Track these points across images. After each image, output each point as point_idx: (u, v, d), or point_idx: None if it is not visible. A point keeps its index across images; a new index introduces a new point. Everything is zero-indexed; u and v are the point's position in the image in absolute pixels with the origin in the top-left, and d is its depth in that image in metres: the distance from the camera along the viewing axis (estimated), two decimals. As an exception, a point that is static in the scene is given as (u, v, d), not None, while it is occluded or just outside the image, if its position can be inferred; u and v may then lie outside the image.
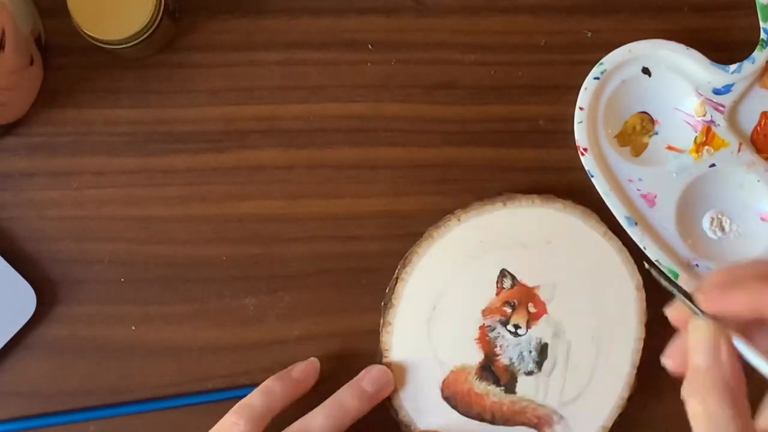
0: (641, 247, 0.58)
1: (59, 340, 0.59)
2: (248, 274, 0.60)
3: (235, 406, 0.54)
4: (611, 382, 0.58)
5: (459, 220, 0.58)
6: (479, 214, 0.58)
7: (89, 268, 0.60)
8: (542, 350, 0.58)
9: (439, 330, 0.58)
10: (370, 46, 0.61)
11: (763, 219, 0.59)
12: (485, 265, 0.58)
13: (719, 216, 0.60)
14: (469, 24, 0.61)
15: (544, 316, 0.58)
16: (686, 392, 0.42)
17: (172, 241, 0.60)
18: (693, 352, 0.42)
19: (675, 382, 0.58)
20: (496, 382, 0.58)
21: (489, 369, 0.58)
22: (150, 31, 0.57)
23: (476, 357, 0.58)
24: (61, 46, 0.60)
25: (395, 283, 0.58)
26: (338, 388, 0.57)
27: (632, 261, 0.58)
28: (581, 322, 0.58)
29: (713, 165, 0.59)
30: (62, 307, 0.59)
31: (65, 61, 0.60)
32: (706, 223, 0.60)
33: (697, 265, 0.59)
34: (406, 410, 0.57)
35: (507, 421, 0.57)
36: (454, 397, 0.58)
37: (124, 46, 0.57)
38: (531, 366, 0.58)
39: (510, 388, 0.58)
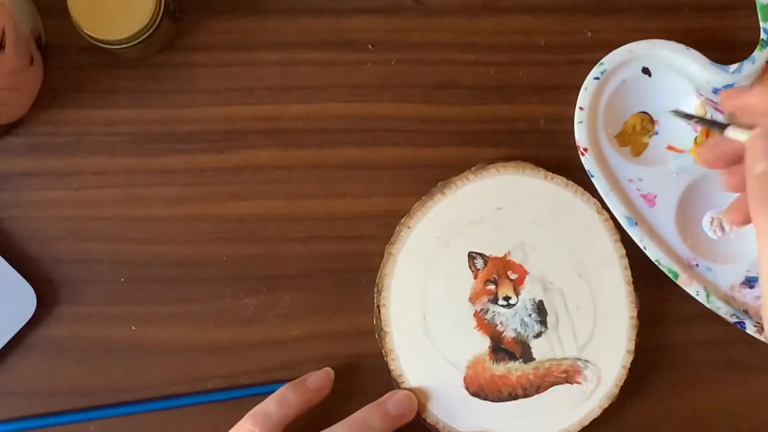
0: (641, 247, 0.58)
1: (59, 340, 0.59)
2: (248, 274, 0.60)
3: (251, 413, 0.55)
4: (616, 307, 0.58)
5: (410, 227, 0.58)
6: (425, 213, 0.58)
7: (89, 268, 0.60)
8: (540, 308, 0.58)
9: (439, 335, 0.58)
10: (370, 46, 0.61)
11: (763, 219, 0.59)
12: (452, 256, 0.58)
13: (719, 216, 0.60)
14: (469, 24, 0.61)
15: (527, 276, 0.58)
16: (753, 201, 0.44)
17: (172, 241, 0.60)
18: (752, 164, 0.45)
19: (666, 380, 0.58)
20: (512, 357, 0.58)
21: (500, 348, 0.58)
22: (150, 31, 0.57)
23: (483, 343, 0.58)
24: (61, 46, 0.60)
25: (379, 312, 0.58)
26: (338, 388, 0.57)
27: (582, 190, 0.58)
28: (562, 265, 0.58)
29: (713, 165, 0.59)
30: (62, 307, 0.59)
31: (65, 61, 0.60)
32: (706, 223, 0.60)
33: (697, 265, 0.59)
34: (443, 422, 0.57)
35: (539, 389, 0.58)
36: (482, 390, 0.58)
37: (124, 46, 0.57)
38: (536, 328, 0.58)
39: (527, 357, 0.58)
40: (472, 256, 0.58)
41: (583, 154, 0.59)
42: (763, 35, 0.59)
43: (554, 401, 0.57)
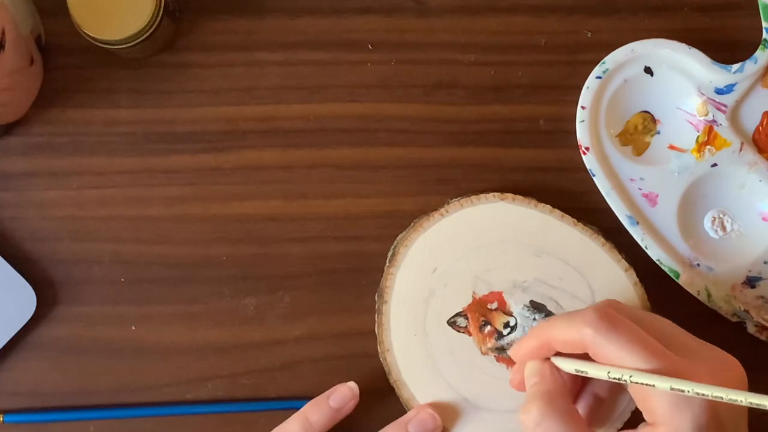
0: (643, 246, 0.58)
1: (59, 340, 0.59)
2: (248, 274, 0.60)
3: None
4: (614, 279, 0.58)
5: (389, 350, 0.57)
6: (383, 329, 0.58)
7: (89, 268, 0.60)
8: (536, 307, 0.58)
9: (488, 401, 0.57)
10: (370, 46, 0.61)
11: (764, 219, 0.59)
12: (438, 336, 0.58)
13: (721, 215, 0.60)
14: (469, 24, 0.61)
15: (503, 294, 0.58)
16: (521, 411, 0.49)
17: (172, 241, 0.60)
18: (527, 379, 0.50)
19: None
20: None
21: None
22: (150, 31, 0.57)
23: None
24: (61, 46, 0.60)
25: (385, 359, 0.58)
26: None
27: (470, 198, 0.58)
28: (516, 261, 0.58)
29: (715, 164, 0.59)
30: (62, 307, 0.59)
31: (65, 61, 0.60)
32: (707, 223, 0.60)
33: (698, 265, 0.58)
34: None
35: None
36: None
37: (124, 46, 0.57)
38: None
39: None
40: (451, 323, 0.58)
41: (584, 154, 0.59)
42: (765, 35, 0.59)
43: None
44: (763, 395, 0.42)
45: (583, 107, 0.59)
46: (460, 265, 0.58)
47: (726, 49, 0.60)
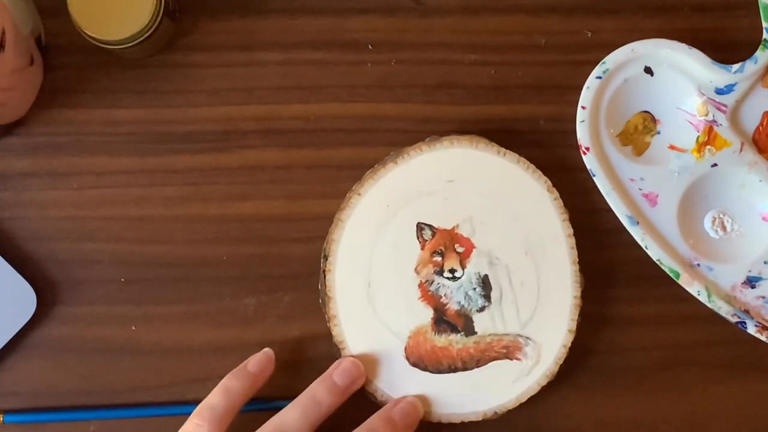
0: (643, 246, 0.58)
1: (59, 340, 0.59)
2: (248, 274, 0.60)
3: (197, 408, 0.55)
4: (560, 286, 0.58)
5: (360, 195, 0.58)
6: (376, 181, 0.58)
7: (89, 268, 0.60)
8: (485, 283, 0.58)
9: (382, 304, 0.58)
10: (370, 46, 0.61)
11: (764, 219, 0.59)
12: (400, 226, 0.58)
13: (721, 216, 0.60)
14: (469, 24, 0.61)
15: (474, 250, 0.58)
16: None
17: (172, 241, 0.60)
18: None
19: (666, 380, 0.58)
20: (454, 329, 0.58)
21: (443, 320, 0.58)
22: (150, 31, 0.57)
23: (426, 314, 0.58)
24: (61, 46, 0.60)
25: (324, 277, 0.58)
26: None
27: (534, 167, 0.58)
28: (509, 241, 0.58)
29: (715, 165, 0.59)
30: (62, 307, 0.59)
31: (65, 61, 0.60)
32: (707, 223, 0.60)
33: (698, 265, 0.58)
34: (382, 391, 0.58)
35: (479, 362, 0.58)
36: (422, 360, 0.58)
37: (124, 46, 0.57)
38: (480, 302, 0.58)
39: (469, 330, 0.58)
40: (420, 227, 0.58)
41: (585, 153, 0.59)
42: (765, 35, 0.59)
43: (493, 376, 0.58)
44: None
45: (583, 107, 0.59)
46: (471, 198, 0.58)
47: (726, 49, 0.60)
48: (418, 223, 0.58)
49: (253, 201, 0.60)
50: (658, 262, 0.58)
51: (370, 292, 0.58)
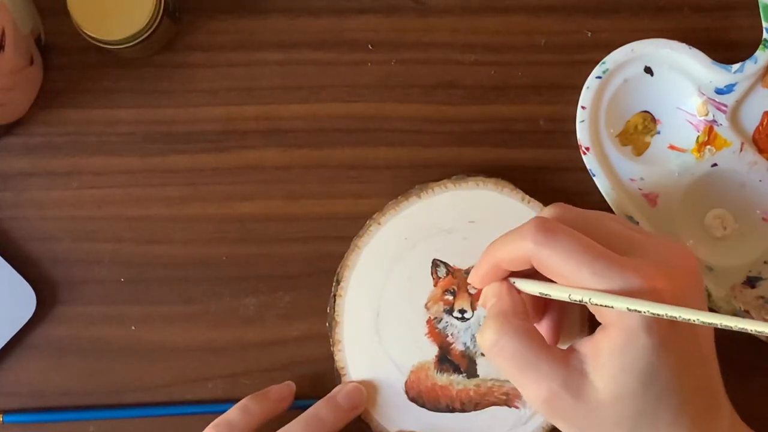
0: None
1: (59, 340, 0.59)
2: (248, 274, 0.60)
3: (214, 423, 0.55)
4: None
5: (380, 224, 0.58)
6: (397, 213, 0.58)
7: (89, 268, 0.60)
8: None
9: (389, 335, 0.58)
10: (370, 46, 0.61)
11: (765, 219, 0.59)
12: (416, 260, 0.58)
13: (721, 216, 0.60)
14: (469, 24, 0.61)
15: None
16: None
17: (172, 241, 0.60)
18: (486, 301, 0.50)
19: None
20: (457, 370, 0.58)
21: (446, 359, 0.58)
22: (150, 31, 0.57)
23: (431, 351, 0.58)
24: (61, 46, 0.60)
25: (334, 301, 0.58)
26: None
27: None
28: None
29: (715, 165, 0.59)
30: (62, 307, 0.59)
31: (65, 61, 0.60)
32: (707, 223, 0.60)
33: (698, 265, 0.58)
34: (377, 421, 0.57)
35: (477, 406, 0.57)
36: (420, 396, 0.57)
37: (124, 46, 0.57)
38: None
39: (471, 372, 0.58)
40: (435, 263, 0.58)
41: (584, 153, 0.59)
42: (765, 35, 0.59)
43: (490, 421, 0.57)
44: (718, 315, 0.41)
45: (583, 107, 0.59)
46: (484, 240, 0.57)
47: (726, 49, 0.60)
48: (434, 259, 0.58)
49: (253, 201, 0.60)
50: (658, 262, 0.58)
51: (378, 322, 0.58)
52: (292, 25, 0.61)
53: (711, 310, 0.58)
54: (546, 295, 0.48)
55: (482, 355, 0.57)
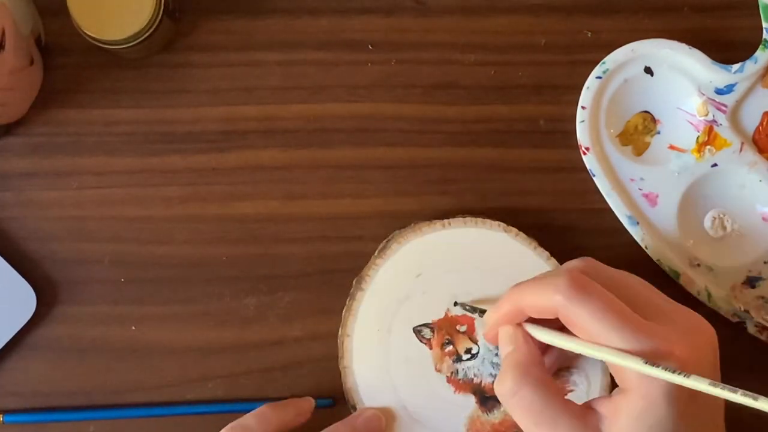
0: (643, 246, 0.58)
1: (59, 340, 0.59)
2: (248, 274, 0.60)
3: (230, 425, 0.54)
4: None
5: (349, 335, 0.57)
6: (355, 316, 0.57)
7: (89, 268, 0.60)
8: None
9: (427, 418, 0.57)
10: (370, 46, 0.61)
11: (764, 219, 0.59)
12: (400, 341, 0.57)
13: (721, 216, 0.60)
14: (469, 24, 0.61)
15: (475, 322, 0.57)
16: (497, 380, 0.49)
17: (172, 241, 0.60)
18: (501, 347, 0.50)
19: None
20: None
21: (486, 398, 0.57)
22: (150, 31, 0.57)
23: (470, 402, 0.57)
24: (61, 46, 0.60)
25: (353, 407, 0.57)
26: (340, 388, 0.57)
27: (483, 219, 0.58)
28: (499, 294, 0.56)
29: (715, 165, 0.59)
30: (62, 307, 0.59)
31: (65, 61, 0.60)
32: (707, 223, 0.60)
33: (698, 265, 0.58)
34: None
35: None
36: None
37: (124, 46, 0.57)
38: None
39: None
40: (417, 331, 0.58)
41: (585, 154, 0.59)
42: (765, 35, 0.59)
43: None
44: (730, 387, 0.42)
45: (583, 107, 0.59)
46: (445, 279, 0.58)
47: (726, 49, 0.60)
48: (414, 328, 0.58)
49: (253, 201, 0.60)
50: (658, 262, 0.58)
51: (410, 414, 0.57)
52: (292, 25, 0.61)
53: (711, 310, 0.58)
54: (566, 347, 0.48)
55: None
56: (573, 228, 0.59)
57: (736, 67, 0.58)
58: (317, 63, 0.61)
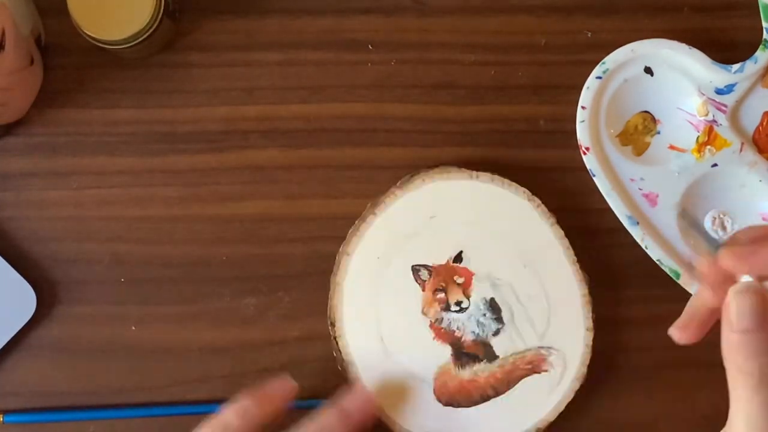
0: (643, 246, 0.58)
1: (59, 340, 0.59)
2: (248, 274, 0.60)
3: (207, 423, 0.51)
4: (566, 289, 0.58)
5: (348, 254, 0.58)
6: (360, 237, 0.58)
7: (89, 268, 0.60)
8: (493, 306, 0.58)
9: (400, 353, 0.58)
10: (370, 46, 0.61)
11: (764, 219, 0.59)
12: (396, 274, 0.58)
13: (721, 216, 0.60)
14: (469, 24, 0.61)
15: (473, 277, 0.58)
16: (733, 354, 0.43)
17: (172, 241, 0.60)
18: (739, 316, 0.43)
19: (667, 380, 0.58)
20: (476, 359, 0.58)
21: (462, 353, 0.58)
22: (150, 31, 0.57)
23: (445, 352, 0.58)
24: (61, 46, 0.60)
25: (336, 344, 0.58)
26: (340, 388, 0.57)
27: (509, 181, 0.58)
28: (505, 259, 0.58)
29: (715, 165, 0.59)
30: (62, 307, 0.59)
31: (65, 61, 0.60)
32: (707, 223, 0.60)
33: (698, 265, 0.58)
34: None
35: (509, 384, 0.58)
36: (453, 398, 0.57)
37: (124, 46, 0.57)
38: (494, 325, 0.58)
39: (490, 356, 0.58)
40: (416, 269, 0.58)
41: (585, 154, 0.59)
42: (765, 35, 0.59)
43: (527, 393, 0.57)
44: None
45: (583, 107, 0.59)
46: (456, 228, 0.58)
47: (726, 49, 0.60)
48: (413, 266, 0.58)
49: (253, 201, 0.60)
50: (658, 262, 0.58)
51: (385, 346, 0.58)
52: (292, 25, 0.61)
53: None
54: None
55: (494, 335, 0.58)
56: (573, 228, 0.59)
57: (736, 67, 0.58)
58: (317, 63, 0.61)
